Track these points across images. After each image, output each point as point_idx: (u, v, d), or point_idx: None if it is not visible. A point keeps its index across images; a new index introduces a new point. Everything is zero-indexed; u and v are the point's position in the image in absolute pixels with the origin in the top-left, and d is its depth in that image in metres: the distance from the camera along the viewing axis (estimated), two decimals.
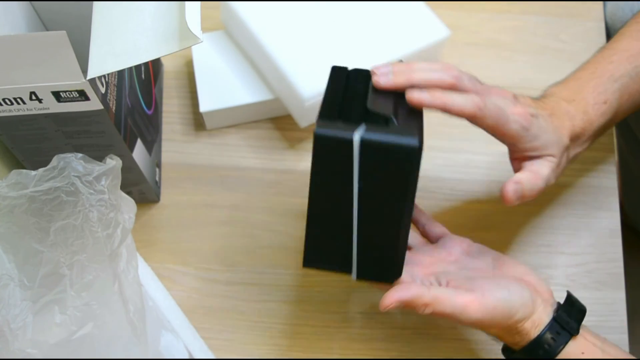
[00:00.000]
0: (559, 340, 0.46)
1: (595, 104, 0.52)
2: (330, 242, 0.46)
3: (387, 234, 0.44)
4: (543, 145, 0.49)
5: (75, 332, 0.45)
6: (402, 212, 0.43)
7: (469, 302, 0.45)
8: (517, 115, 0.47)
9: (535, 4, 0.76)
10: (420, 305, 0.45)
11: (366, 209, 0.43)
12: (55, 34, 0.39)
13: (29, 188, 0.46)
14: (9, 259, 0.46)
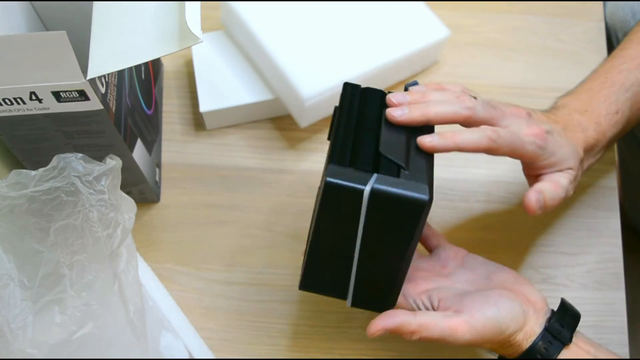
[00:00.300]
0: (551, 350, 0.46)
1: (608, 115, 0.52)
2: (329, 272, 0.46)
3: (386, 272, 0.45)
4: (560, 161, 0.49)
5: (75, 332, 0.45)
6: (403, 255, 0.44)
7: (457, 325, 0.45)
8: (532, 136, 0.47)
9: (535, 4, 0.76)
10: (406, 332, 0.45)
11: (368, 250, 0.44)
12: (55, 34, 0.39)
13: (29, 188, 0.46)
14: (9, 259, 0.46)
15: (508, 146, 0.46)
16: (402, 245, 0.43)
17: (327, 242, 0.44)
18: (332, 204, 0.42)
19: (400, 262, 0.44)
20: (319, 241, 0.44)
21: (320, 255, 0.45)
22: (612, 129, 0.53)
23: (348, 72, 0.62)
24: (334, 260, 0.45)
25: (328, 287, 0.47)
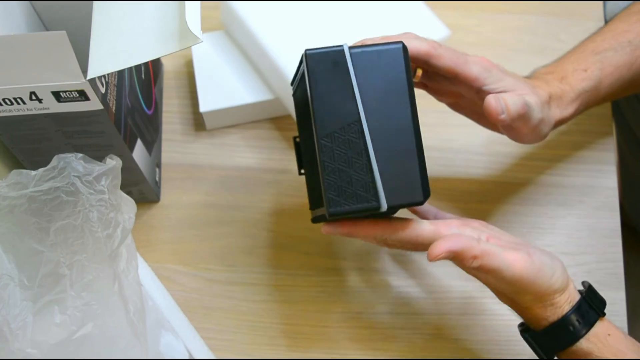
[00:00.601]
0: (584, 322, 0.46)
1: (575, 71, 0.53)
2: (350, 179, 0.43)
3: (404, 149, 0.43)
4: (511, 86, 0.48)
5: (75, 332, 0.45)
6: (410, 119, 0.43)
7: (517, 259, 0.44)
8: (477, 59, 0.48)
9: (535, 4, 0.76)
10: (469, 257, 0.43)
11: (376, 128, 0.43)
12: (55, 34, 0.39)
13: (29, 188, 0.46)
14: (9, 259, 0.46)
15: (449, 59, 0.46)
16: (402, 105, 0.43)
17: (334, 139, 0.43)
18: (320, 78, 0.42)
19: (411, 130, 0.43)
20: (326, 142, 0.42)
21: (334, 161, 0.43)
22: (581, 84, 0.53)
23: None
24: (350, 161, 0.43)
25: (356, 198, 0.43)
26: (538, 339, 0.48)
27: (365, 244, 0.63)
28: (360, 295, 0.61)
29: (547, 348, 0.47)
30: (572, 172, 0.67)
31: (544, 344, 0.47)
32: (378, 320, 0.60)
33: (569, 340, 0.46)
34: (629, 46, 0.55)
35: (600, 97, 0.55)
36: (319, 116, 0.43)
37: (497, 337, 0.60)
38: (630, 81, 0.56)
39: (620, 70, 0.55)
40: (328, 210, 0.43)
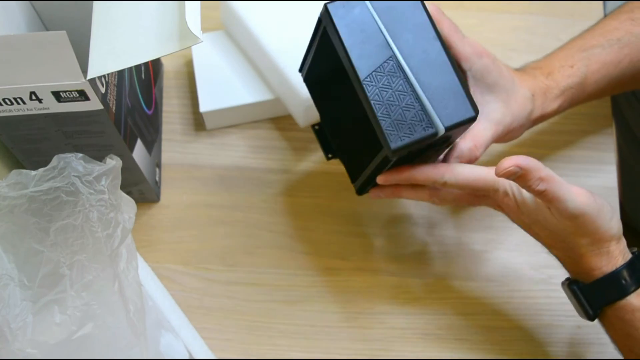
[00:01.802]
0: (636, 278, 0.46)
1: (561, 67, 0.54)
2: (402, 112, 0.44)
3: (444, 75, 0.45)
4: (494, 80, 0.50)
5: (75, 332, 0.45)
6: (442, 50, 0.45)
7: (581, 193, 0.45)
8: (473, 41, 0.50)
9: (535, 4, 0.76)
10: (536, 178, 0.43)
11: (412, 61, 0.44)
12: (55, 34, 0.39)
13: (29, 188, 0.46)
14: (9, 259, 0.46)
15: (449, 28, 0.50)
16: (430, 34, 0.45)
17: (377, 80, 0.44)
18: (347, 24, 0.44)
19: (444, 53, 0.45)
20: (371, 83, 0.44)
21: (383, 101, 0.44)
22: (566, 80, 0.54)
23: None
24: (397, 96, 0.44)
25: (413, 130, 0.44)
26: (587, 291, 0.47)
27: (365, 244, 0.63)
28: (360, 295, 0.61)
29: (595, 301, 0.47)
30: (572, 172, 0.67)
31: (593, 297, 0.47)
32: (378, 320, 0.60)
33: (619, 295, 0.46)
34: (617, 44, 0.55)
35: (586, 94, 0.55)
36: (356, 60, 0.44)
37: (497, 337, 0.60)
38: (618, 79, 0.56)
39: (607, 67, 0.55)
40: (390, 147, 0.44)
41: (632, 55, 0.56)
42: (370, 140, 0.46)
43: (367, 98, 0.44)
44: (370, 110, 0.44)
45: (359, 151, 0.50)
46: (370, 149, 0.47)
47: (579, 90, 0.55)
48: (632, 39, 0.57)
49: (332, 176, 0.66)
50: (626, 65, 0.56)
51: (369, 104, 0.44)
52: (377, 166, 0.48)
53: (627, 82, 0.57)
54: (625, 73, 0.56)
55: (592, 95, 0.56)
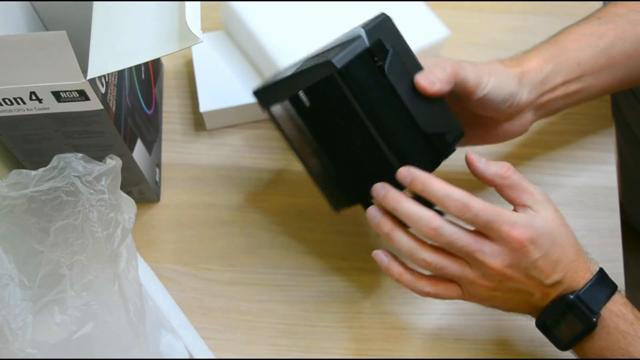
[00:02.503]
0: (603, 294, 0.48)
1: (537, 51, 0.57)
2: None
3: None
4: (475, 74, 0.51)
5: (75, 332, 0.45)
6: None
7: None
8: (440, 60, 0.51)
9: (535, 4, 0.76)
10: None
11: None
12: (55, 34, 0.39)
13: (29, 188, 0.46)
14: (9, 259, 0.46)
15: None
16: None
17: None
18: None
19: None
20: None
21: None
22: (542, 51, 0.56)
23: None
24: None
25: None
26: (587, 294, 0.48)
27: (365, 244, 0.63)
28: (360, 295, 0.61)
29: (597, 300, 0.48)
30: (572, 172, 0.67)
31: (594, 297, 0.48)
32: (378, 320, 0.60)
33: (612, 288, 0.48)
34: (596, 21, 0.57)
35: (569, 60, 0.56)
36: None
37: (497, 337, 0.60)
38: (607, 53, 0.56)
39: (588, 38, 0.56)
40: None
41: (616, 30, 0.56)
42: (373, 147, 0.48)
43: (412, 113, 0.47)
44: (383, 143, 0.48)
45: (366, 176, 0.51)
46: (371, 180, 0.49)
47: (558, 55, 0.55)
48: (614, 18, 0.57)
49: None
50: (612, 39, 0.56)
51: (384, 140, 0.48)
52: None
53: (620, 60, 0.56)
54: (614, 47, 0.56)
55: (581, 69, 0.55)
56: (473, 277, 0.47)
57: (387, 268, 0.50)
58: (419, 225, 0.46)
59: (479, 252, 0.46)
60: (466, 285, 0.48)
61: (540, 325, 0.50)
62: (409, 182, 0.47)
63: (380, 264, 0.50)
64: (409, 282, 0.49)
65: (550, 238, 0.47)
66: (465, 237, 0.46)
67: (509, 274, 0.46)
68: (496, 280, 0.47)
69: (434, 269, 0.47)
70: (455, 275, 0.47)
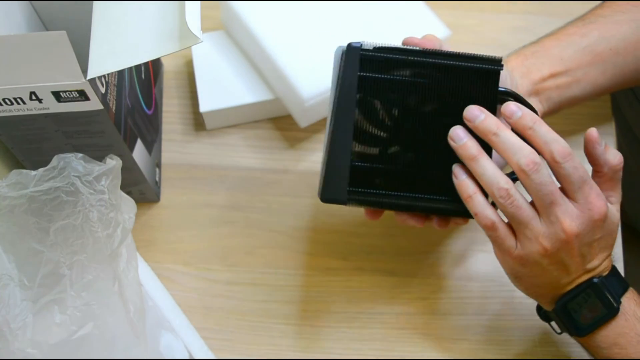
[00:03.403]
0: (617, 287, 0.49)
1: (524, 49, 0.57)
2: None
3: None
4: None
5: (75, 332, 0.45)
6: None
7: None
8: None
9: (536, 4, 0.76)
10: None
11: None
12: (55, 34, 0.39)
13: (29, 188, 0.46)
14: (9, 259, 0.46)
15: None
16: None
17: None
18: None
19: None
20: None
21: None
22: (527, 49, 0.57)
23: None
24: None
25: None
26: (610, 281, 0.48)
27: (365, 244, 0.63)
28: (360, 295, 0.61)
29: (617, 288, 0.49)
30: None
31: (615, 285, 0.49)
32: (378, 320, 0.60)
33: (625, 281, 0.49)
34: (581, 21, 0.59)
35: (548, 55, 0.57)
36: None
37: (497, 337, 0.60)
38: (591, 50, 0.57)
39: (572, 37, 0.57)
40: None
41: (600, 29, 0.57)
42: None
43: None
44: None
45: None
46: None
47: (537, 51, 0.56)
48: (598, 18, 0.58)
49: None
50: (596, 38, 0.56)
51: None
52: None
53: (608, 57, 0.57)
54: (598, 45, 0.56)
55: (565, 64, 0.56)
56: (539, 230, 0.46)
57: (462, 183, 0.47)
58: (519, 155, 0.45)
59: (562, 207, 0.45)
60: (524, 240, 0.46)
61: (559, 308, 0.49)
62: (519, 116, 0.46)
63: (457, 176, 0.47)
64: (479, 203, 0.47)
65: (612, 228, 0.48)
66: (555, 186, 0.45)
67: (571, 243, 0.46)
68: (557, 245, 0.46)
69: (510, 205, 0.45)
70: (524, 219, 0.46)
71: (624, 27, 0.57)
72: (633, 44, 0.57)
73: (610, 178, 0.49)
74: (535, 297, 0.52)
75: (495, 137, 0.46)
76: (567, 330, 0.50)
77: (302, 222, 0.64)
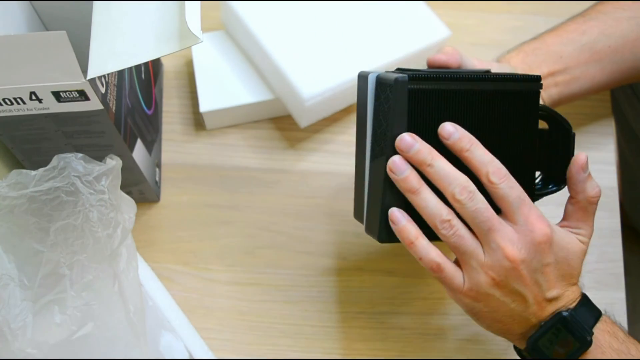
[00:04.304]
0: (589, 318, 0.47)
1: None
2: None
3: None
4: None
5: (75, 332, 0.45)
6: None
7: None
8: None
9: (535, 4, 0.76)
10: None
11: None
12: (55, 34, 0.39)
13: (29, 188, 0.46)
14: (9, 259, 0.46)
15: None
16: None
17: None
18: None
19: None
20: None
21: None
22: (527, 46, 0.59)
23: (348, 73, 0.62)
24: None
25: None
26: (580, 313, 0.46)
27: (365, 244, 0.63)
28: (360, 295, 0.61)
29: (588, 319, 0.47)
30: None
31: (586, 316, 0.47)
32: (378, 320, 0.60)
33: (598, 309, 0.47)
34: (581, 18, 0.59)
35: (548, 52, 0.57)
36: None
37: (497, 337, 0.60)
38: (590, 48, 0.57)
39: (570, 34, 0.58)
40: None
41: (600, 26, 0.57)
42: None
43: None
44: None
45: None
46: None
47: (538, 48, 0.57)
48: (599, 15, 0.58)
49: (332, 176, 0.66)
50: (596, 35, 0.57)
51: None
52: None
53: (606, 54, 0.57)
54: (598, 42, 0.56)
55: (564, 61, 0.56)
56: (483, 261, 0.44)
57: (402, 228, 0.46)
58: (453, 185, 0.44)
59: (500, 232, 0.44)
60: (471, 272, 0.45)
61: (530, 347, 0.47)
62: (456, 138, 0.45)
63: (396, 222, 0.46)
64: (423, 247, 0.46)
65: (566, 253, 0.46)
66: (492, 212, 0.44)
67: (518, 269, 0.44)
68: (504, 273, 0.44)
69: (453, 235, 0.44)
70: (467, 249, 0.45)
71: (624, 24, 0.57)
72: (631, 42, 0.57)
73: (584, 208, 0.48)
74: (503, 335, 0.49)
75: (430, 167, 0.44)
76: None
77: (302, 222, 0.64)
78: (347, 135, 0.68)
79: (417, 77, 0.45)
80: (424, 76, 0.45)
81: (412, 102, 0.45)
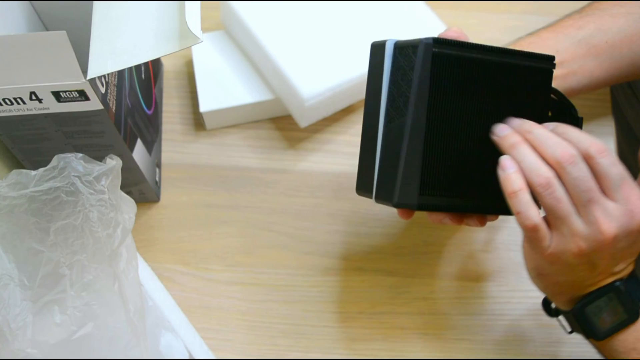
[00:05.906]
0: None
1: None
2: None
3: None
4: None
5: (75, 332, 0.45)
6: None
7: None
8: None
9: (535, 4, 0.76)
10: None
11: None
12: (55, 34, 0.39)
13: (29, 188, 0.46)
14: (9, 259, 0.46)
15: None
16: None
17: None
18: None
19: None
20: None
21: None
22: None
23: (348, 72, 0.62)
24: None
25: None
26: (630, 285, 0.46)
27: (365, 244, 0.63)
28: (360, 295, 0.61)
29: (637, 292, 0.46)
30: None
31: (635, 289, 0.46)
32: (378, 320, 0.60)
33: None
34: (577, 14, 0.59)
35: (545, 44, 0.57)
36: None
37: (497, 337, 0.60)
38: (587, 42, 0.57)
39: (567, 29, 0.58)
40: None
41: (596, 22, 0.57)
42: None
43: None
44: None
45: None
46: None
47: (533, 42, 0.56)
48: (595, 11, 0.58)
49: (332, 176, 0.66)
50: (592, 30, 0.56)
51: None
52: None
53: (603, 49, 0.56)
54: (594, 37, 0.56)
55: (561, 55, 0.56)
56: (577, 229, 0.43)
57: (509, 176, 0.44)
58: (555, 149, 0.43)
59: (600, 205, 0.42)
60: (559, 237, 0.44)
61: (577, 311, 0.47)
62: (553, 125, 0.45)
63: (506, 168, 0.44)
64: (525, 201, 0.43)
65: None
66: (594, 183, 0.42)
67: (608, 246, 0.43)
68: (593, 246, 0.43)
69: (549, 195, 0.43)
70: (562, 214, 0.43)
71: (621, 20, 0.57)
72: (629, 37, 0.57)
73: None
74: (552, 296, 0.49)
75: (530, 134, 0.44)
76: (583, 333, 0.48)
77: (302, 222, 0.64)
78: (347, 135, 0.68)
79: (441, 41, 0.45)
80: (447, 42, 0.45)
81: (435, 64, 0.45)
